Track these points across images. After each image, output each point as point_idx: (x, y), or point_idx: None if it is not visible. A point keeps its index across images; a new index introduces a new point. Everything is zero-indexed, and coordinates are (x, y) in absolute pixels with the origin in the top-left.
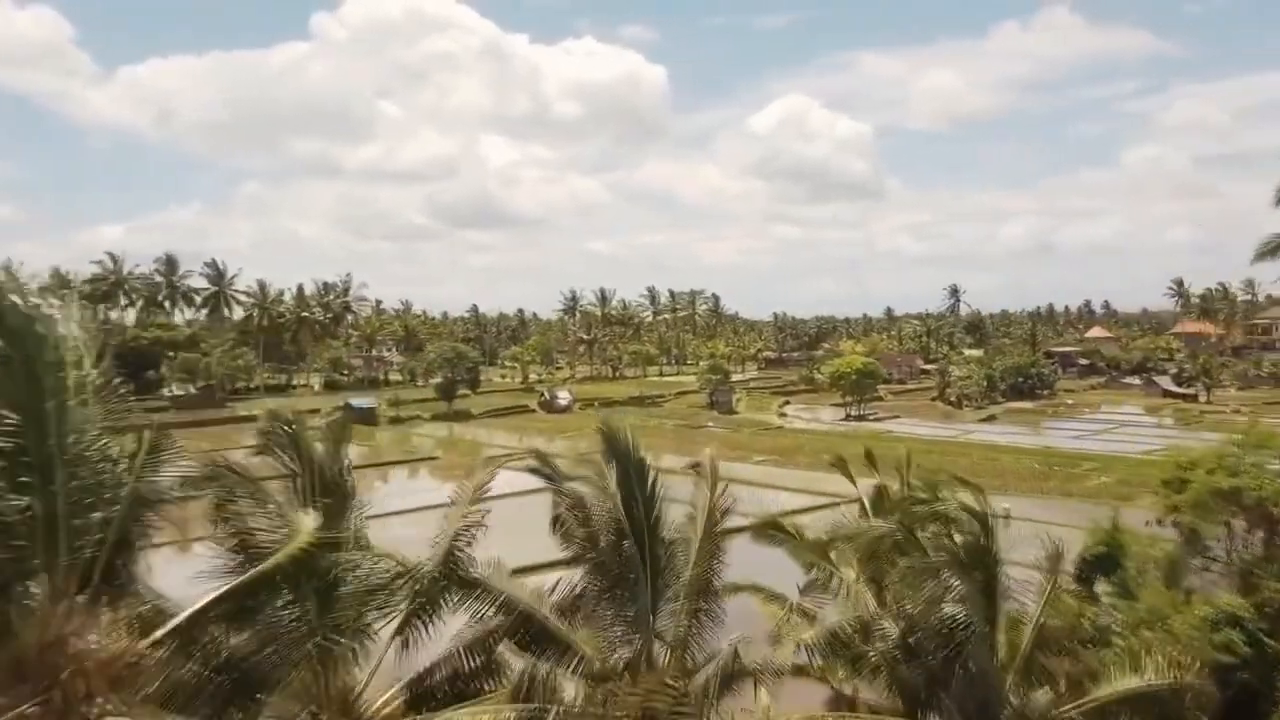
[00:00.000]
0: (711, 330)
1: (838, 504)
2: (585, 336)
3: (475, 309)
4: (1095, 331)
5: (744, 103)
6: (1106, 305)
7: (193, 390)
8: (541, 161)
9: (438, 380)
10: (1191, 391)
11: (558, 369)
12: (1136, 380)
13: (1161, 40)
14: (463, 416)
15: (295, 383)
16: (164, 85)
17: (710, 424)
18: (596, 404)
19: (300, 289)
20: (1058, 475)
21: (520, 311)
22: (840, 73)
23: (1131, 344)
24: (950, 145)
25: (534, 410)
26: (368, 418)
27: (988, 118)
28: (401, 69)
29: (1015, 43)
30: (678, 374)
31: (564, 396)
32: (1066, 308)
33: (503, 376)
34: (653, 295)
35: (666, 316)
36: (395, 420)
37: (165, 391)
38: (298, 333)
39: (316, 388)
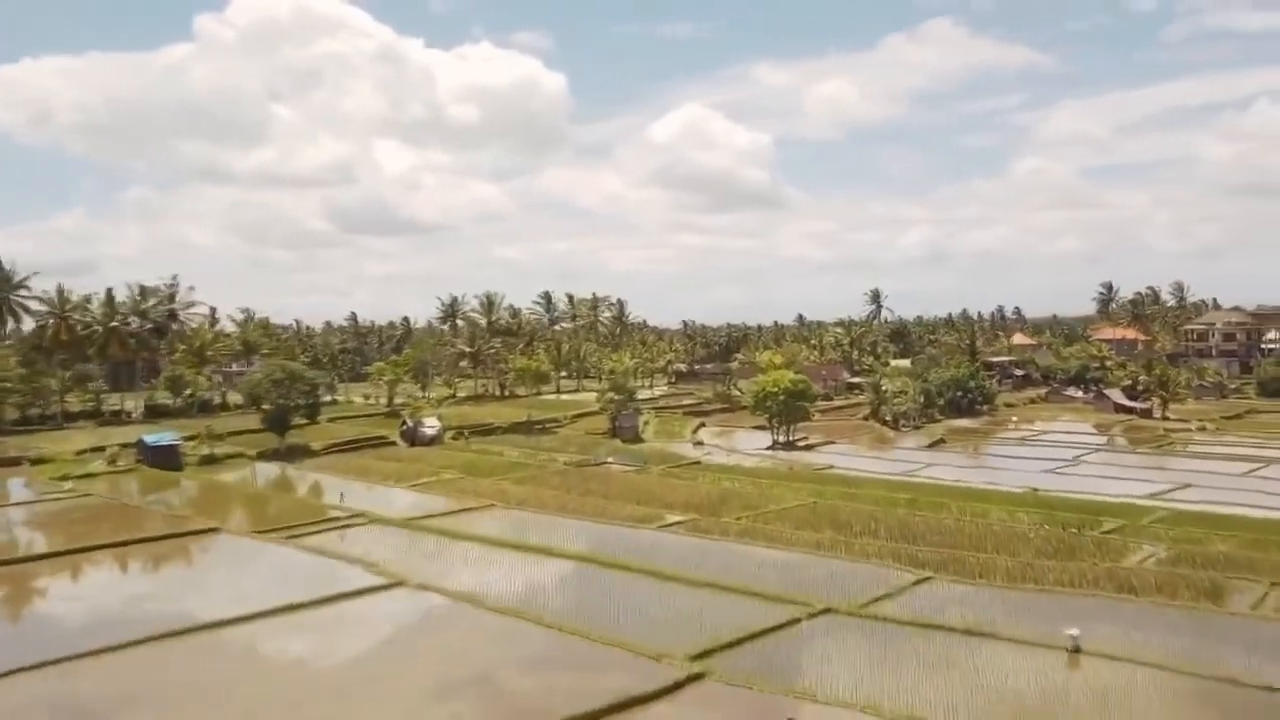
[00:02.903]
0: (617, 340)
1: (798, 620)
2: (468, 349)
3: (354, 317)
4: (1019, 338)
5: (644, 112)
6: (1018, 311)
7: None
8: (439, 167)
9: (267, 407)
10: (1146, 406)
11: (438, 387)
12: (1079, 392)
13: (1041, 54)
14: (298, 454)
15: (106, 409)
16: (40, 85)
17: (611, 459)
18: (467, 434)
19: (109, 294)
20: (1085, 548)
21: (406, 320)
22: (739, 83)
23: (1066, 352)
24: (848, 154)
25: (394, 442)
26: (168, 459)
27: (883, 128)
28: (292, 71)
29: (904, 54)
30: (578, 390)
31: (431, 425)
32: (979, 314)
33: (365, 397)
34: (548, 301)
35: (566, 325)
36: (209, 460)
37: None
38: (106, 346)
39: (135, 415)
